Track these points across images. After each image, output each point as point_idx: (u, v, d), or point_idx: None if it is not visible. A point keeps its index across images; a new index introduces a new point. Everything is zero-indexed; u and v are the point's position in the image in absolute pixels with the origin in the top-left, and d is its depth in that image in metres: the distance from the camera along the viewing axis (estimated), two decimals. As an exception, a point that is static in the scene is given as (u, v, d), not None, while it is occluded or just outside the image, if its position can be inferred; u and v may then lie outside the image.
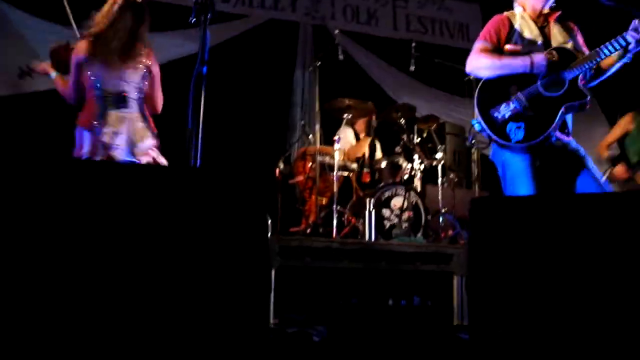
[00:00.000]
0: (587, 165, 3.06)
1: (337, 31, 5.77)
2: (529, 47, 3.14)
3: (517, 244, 1.86)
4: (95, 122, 3.34)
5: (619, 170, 4.55)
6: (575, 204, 1.92)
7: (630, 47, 2.93)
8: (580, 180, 3.02)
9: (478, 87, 3.22)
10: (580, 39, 3.26)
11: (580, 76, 3.00)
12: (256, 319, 1.71)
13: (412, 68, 5.85)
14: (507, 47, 3.17)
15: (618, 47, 2.93)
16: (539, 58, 3.03)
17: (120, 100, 3.41)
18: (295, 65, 7.33)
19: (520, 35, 3.18)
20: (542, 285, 1.80)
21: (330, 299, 3.92)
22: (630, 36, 2.90)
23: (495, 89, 3.13)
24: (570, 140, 3.13)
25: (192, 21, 3.11)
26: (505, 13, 3.30)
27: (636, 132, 4.63)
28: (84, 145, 3.34)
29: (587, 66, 2.98)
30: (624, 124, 4.71)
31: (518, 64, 3.06)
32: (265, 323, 1.78)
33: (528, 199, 2.47)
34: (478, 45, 3.22)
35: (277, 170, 5.69)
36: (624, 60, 3.04)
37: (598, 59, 2.96)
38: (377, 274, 4.19)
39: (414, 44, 5.90)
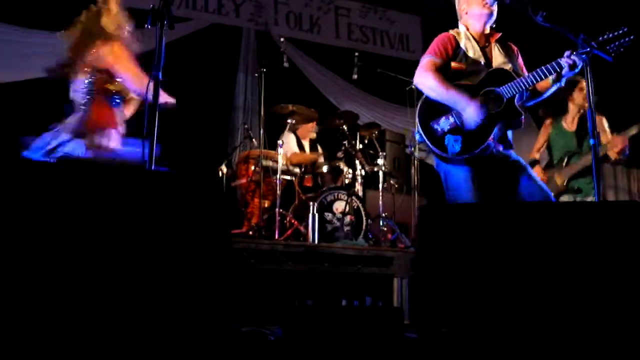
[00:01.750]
0: (529, 173, 3.22)
1: (282, 39, 5.85)
2: (472, 66, 3.28)
3: (462, 248, 1.98)
4: None
5: (535, 172, 4.71)
6: (515, 211, 2.06)
7: (564, 72, 3.10)
8: (524, 187, 3.16)
9: (420, 100, 3.35)
10: (520, 60, 3.43)
11: (517, 96, 3.16)
12: (213, 318, 1.77)
13: (355, 77, 5.98)
14: (452, 64, 3.30)
15: (552, 71, 3.09)
16: (475, 113, 3.13)
17: None
18: (238, 69, 7.38)
19: (465, 54, 3.31)
20: (486, 286, 1.93)
21: (279, 301, 3.98)
22: (564, 61, 3.07)
23: (437, 103, 3.26)
24: (511, 152, 3.30)
25: (148, 27, 3.14)
26: (451, 31, 3.43)
27: (554, 134, 4.82)
28: None
29: (523, 87, 3.14)
30: (545, 128, 4.90)
31: (460, 102, 3.16)
32: (222, 322, 1.82)
33: (472, 206, 2.59)
34: (427, 59, 3.32)
35: (220, 173, 5.73)
36: (558, 84, 3.22)
37: (534, 82, 3.12)
38: (322, 276, 4.28)
39: (357, 54, 6.03)
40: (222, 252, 1.82)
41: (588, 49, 2.94)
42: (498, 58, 3.33)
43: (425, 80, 3.27)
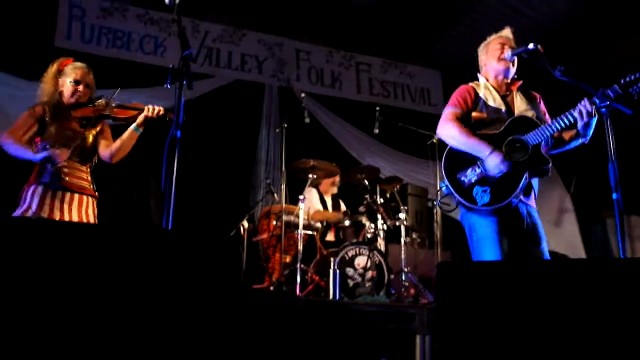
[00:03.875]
0: (541, 245, 3.19)
1: (303, 95, 5.93)
2: (493, 114, 3.29)
3: (481, 307, 1.93)
4: None
5: None
6: (538, 270, 2.01)
7: (578, 126, 3.09)
8: (531, 253, 3.14)
9: (445, 151, 3.36)
10: (542, 107, 3.43)
11: (543, 143, 3.15)
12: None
13: (377, 131, 6.00)
14: (473, 114, 3.33)
15: (567, 122, 3.09)
16: (497, 161, 3.14)
17: None
18: (261, 125, 7.47)
19: (485, 103, 3.34)
20: (506, 347, 1.88)
21: (297, 358, 3.92)
22: (576, 114, 3.07)
23: (462, 154, 3.26)
24: (533, 208, 3.26)
25: (167, 87, 3.20)
26: (470, 83, 3.47)
27: None
28: None
29: (548, 133, 3.13)
30: None
31: (482, 151, 3.18)
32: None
33: (492, 264, 2.54)
34: (448, 111, 3.36)
35: (242, 228, 5.74)
36: (582, 140, 3.21)
37: (558, 128, 3.11)
38: (343, 333, 4.21)
39: (378, 108, 6.07)
40: (237, 311, 1.80)
41: (607, 102, 2.92)
42: (520, 106, 3.34)
43: (447, 131, 3.29)
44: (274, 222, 5.62)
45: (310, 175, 5.84)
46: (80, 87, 3.63)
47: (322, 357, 3.95)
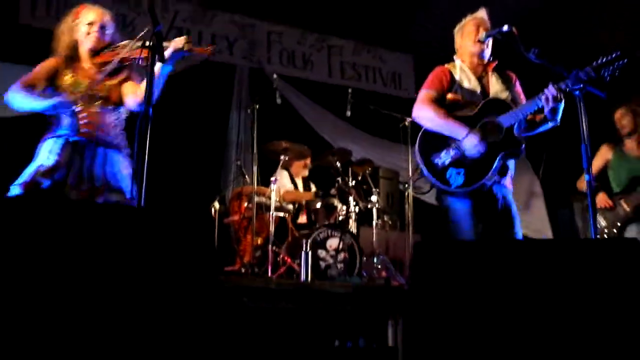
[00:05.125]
0: (514, 228, 3.22)
1: (275, 76, 5.86)
2: (468, 96, 3.31)
3: (457, 287, 1.94)
4: None
5: (600, 199, 4.56)
6: (513, 250, 2.02)
7: (545, 111, 3.11)
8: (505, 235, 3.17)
9: (420, 134, 3.36)
10: (518, 88, 3.45)
11: (515, 125, 3.17)
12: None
13: (349, 114, 5.98)
14: (449, 96, 3.34)
15: (536, 106, 3.11)
16: (474, 142, 3.16)
17: None
18: (231, 106, 7.39)
19: (460, 85, 3.35)
20: (481, 325, 1.88)
21: (272, 340, 3.91)
22: (542, 99, 3.09)
23: (436, 136, 3.27)
24: (508, 190, 3.29)
25: (140, 63, 3.14)
26: (446, 65, 3.47)
27: (615, 161, 4.68)
28: None
29: (521, 116, 3.15)
30: (603, 154, 4.73)
31: (458, 132, 3.20)
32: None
33: (468, 244, 2.56)
34: (423, 93, 3.37)
35: (212, 209, 5.69)
36: (551, 124, 3.24)
37: (531, 110, 3.13)
38: (315, 315, 4.21)
39: (350, 90, 6.04)
40: (210, 291, 1.77)
41: (581, 85, 2.94)
42: (495, 87, 3.36)
43: (423, 112, 3.30)
44: (245, 204, 5.59)
45: (281, 157, 5.80)
46: (95, 28, 3.28)
47: (294, 339, 3.95)
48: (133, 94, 3.29)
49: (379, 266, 5.44)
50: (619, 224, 4.55)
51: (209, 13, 7.52)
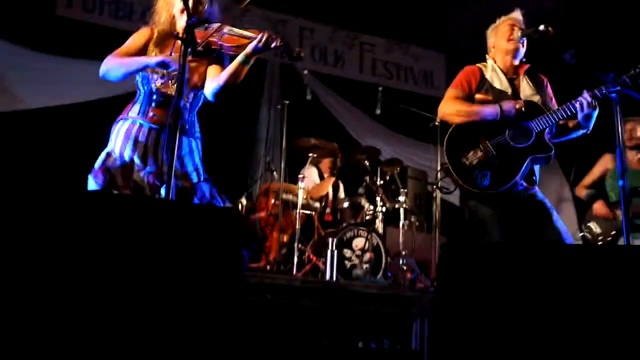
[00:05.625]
0: (553, 218, 3.15)
1: (305, 72, 5.84)
2: (499, 97, 3.25)
3: (484, 289, 1.90)
4: None
5: (598, 207, 4.62)
6: (541, 252, 1.98)
7: (579, 117, 3.05)
8: (545, 231, 3.10)
9: (448, 133, 3.31)
10: (549, 91, 3.39)
11: (547, 130, 3.11)
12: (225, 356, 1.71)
13: (378, 112, 5.93)
14: (478, 96, 3.28)
15: (569, 112, 3.05)
16: (508, 106, 3.13)
17: None
18: (262, 102, 7.39)
19: (491, 85, 3.29)
20: (508, 329, 1.84)
21: (294, 338, 3.89)
22: (577, 106, 3.02)
23: (465, 137, 3.22)
24: (536, 190, 3.22)
25: (172, 55, 3.11)
26: (477, 64, 3.42)
27: (615, 171, 4.54)
28: None
29: (553, 121, 3.09)
30: (603, 163, 4.76)
31: (488, 111, 3.16)
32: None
33: (495, 246, 2.52)
34: (450, 92, 3.33)
35: (240, 205, 5.69)
36: (583, 130, 3.18)
37: (564, 116, 3.07)
38: (339, 314, 4.18)
39: (380, 88, 5.99)
40: (235, 287, 1.76)
41: (618, 88, 2.86)
42: (526, 90, 3.30)
43: (448, 108, 3.28)
44: (272, 201, 5.57)
45: (310, 154, 5.78)
46: (190, 4, 2.99)
47: (318, 338, 3.93)
48: (214, 77, 3.16)
49: (405, 267, 5.40)
50: (613, 233, 4.60)
51: (241, 8, 7.51)
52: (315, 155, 5.82)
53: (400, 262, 5.43)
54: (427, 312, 4.22)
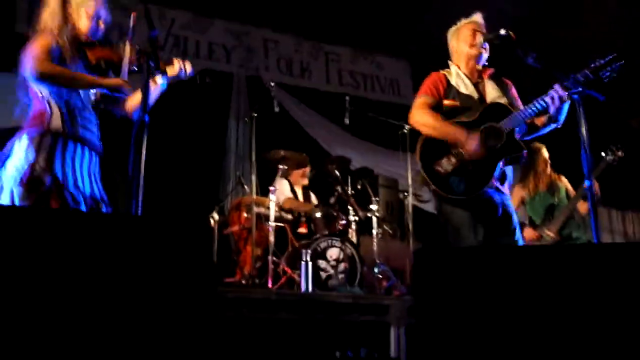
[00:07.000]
0: (515, 236, 3.20)
1: (272, 84, 5.83)
2: (466, 101, 3.28)
3: (460, 294, 1.90)
4: None
5: (527, 233, 4.80)
6: (513, 254, 1.99)
7: (550, 111, 3.08)
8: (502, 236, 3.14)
9: (420, 141, 3.32)
10: (513, 93, 3.43)
11: (517, 130, 3.14)
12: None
13: (347, 121, 5.94)
14: (446, 102, 3.30)
15: (541, 107, 3.08)
16: (476, 145, 3.12)
17: None
18: (229, 114, 7.36)
19: (457, 91, 3.31)
20: (486, 333, 1.84)
21: (272, 351, 3.86)
22: (547, 99, 3.06)
23: (437, 143, 3.23)
24: (507, 197, 3.25)
25: (134, 70, 3.08)
26: (442, 71, 3.44)
27: (529, 198, 4.98)
28: None
29: (521, 119, 3.11)
30: (516, 195, 4.99)
31: (459, 136, 3.16)
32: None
33: (469, 250, 2.52)
34: (420, 100, 3.33)
35: (211, 220, 5.64)
36: (554, 124, 3.21)
37: (532, 113, 3.10)
38: (316, 325, 4.16)
39: (347, 98, 6.00)
40: (209, 302, 1.73)
41: (580, 89, 2.90)
42: (492, 93, 3.33)
43: (421, 119, 3.27)
44: (245, 214, 5.54)
45: (280, 166, 5.76)
46: (101, 23, 3.05)
47: (296, 350, 3.90)
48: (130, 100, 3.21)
49: (380, 276, 5.40)
50: None
51: (205, 21, 7.50)
52: (285, 167, 5.80)
53: (376, 270, 5.43)
54: (404, 319, 4.22)
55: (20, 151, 2.85)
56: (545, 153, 4.98)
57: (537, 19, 6.88)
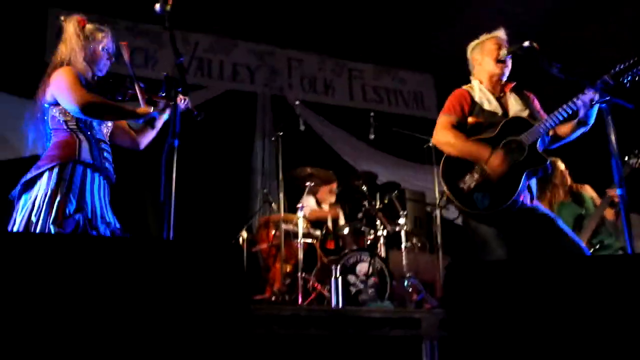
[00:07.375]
0: (559, 225, 3.15)
1: (297, 102, 5.88)
2: (490, 118, 3.27)
3: (491, 307, 1.90)
4: None
5: None
6: (545, 266, 1.98)
7: (580, 114, 3.07)
8: (555, 240, 3.09)
9: (443, 159, 3.33)
10: (536, 105, 3.41)
11: (539, 142, 3.13)
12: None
13: (372, 137, 5.96)
14: (470, 119, 3.30)
15: (566, 114, 3.07)
16: (498, 162, 3.13)
17: None
18: (255, 134, 7.43)
19: (481, 108, 3.31)
20: (520, 345, 1.84)
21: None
22: (579, 102, 3.04)
23: (459, 161, 3.23)
24: (537, 204, 3.23)
25: (162, 95, 3.15)
26: (464, 87, 3.43)
27: (556, 210, 4.87)
28: None
29: (542, 131, 3.10)
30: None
31: (480, 155, 3.17)
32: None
33: (500, 263, 2.52)
34: (443, 119, 3.33)
35: (241, 238, 5.68)
36: (583, 129, 3.19)
37: (552, 124, 3.09)
38: (347, 341, 4.16)
39: (372, 114, 6.03)
40: (241, 321, 1.75)
41: (607, 97, 2.89)
42: (514, 107, 3.32)
43: (443, 138, 3.28)
44: (273, 232, 5.58)
45: (307, 183, 5.80)
46: (111, 57, 3.17)
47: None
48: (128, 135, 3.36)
49: (410, 289, 5.38)
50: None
51: (229, 43, 7.60)
52: (312, 184, 5.83)
53: (406, 284, 5.41)
54: (436, 332, 4.20)
55: (50, 182, 2.89)
56: (561, 165, 4.94)
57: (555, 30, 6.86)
